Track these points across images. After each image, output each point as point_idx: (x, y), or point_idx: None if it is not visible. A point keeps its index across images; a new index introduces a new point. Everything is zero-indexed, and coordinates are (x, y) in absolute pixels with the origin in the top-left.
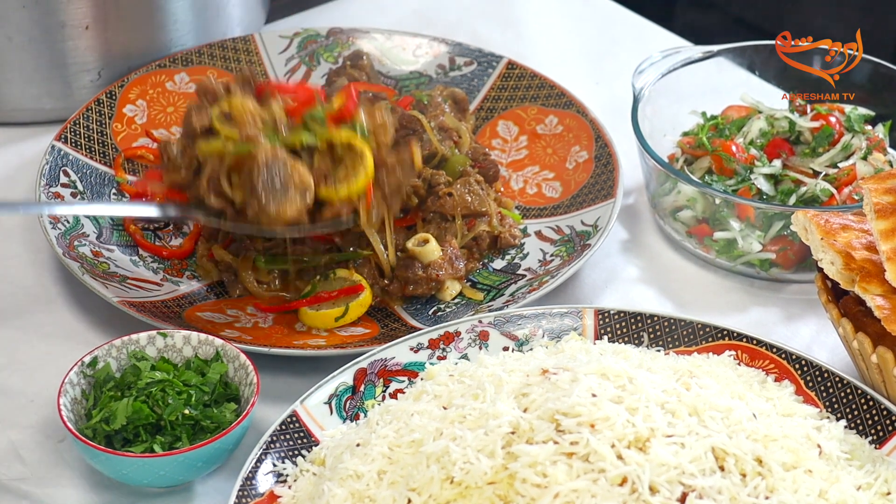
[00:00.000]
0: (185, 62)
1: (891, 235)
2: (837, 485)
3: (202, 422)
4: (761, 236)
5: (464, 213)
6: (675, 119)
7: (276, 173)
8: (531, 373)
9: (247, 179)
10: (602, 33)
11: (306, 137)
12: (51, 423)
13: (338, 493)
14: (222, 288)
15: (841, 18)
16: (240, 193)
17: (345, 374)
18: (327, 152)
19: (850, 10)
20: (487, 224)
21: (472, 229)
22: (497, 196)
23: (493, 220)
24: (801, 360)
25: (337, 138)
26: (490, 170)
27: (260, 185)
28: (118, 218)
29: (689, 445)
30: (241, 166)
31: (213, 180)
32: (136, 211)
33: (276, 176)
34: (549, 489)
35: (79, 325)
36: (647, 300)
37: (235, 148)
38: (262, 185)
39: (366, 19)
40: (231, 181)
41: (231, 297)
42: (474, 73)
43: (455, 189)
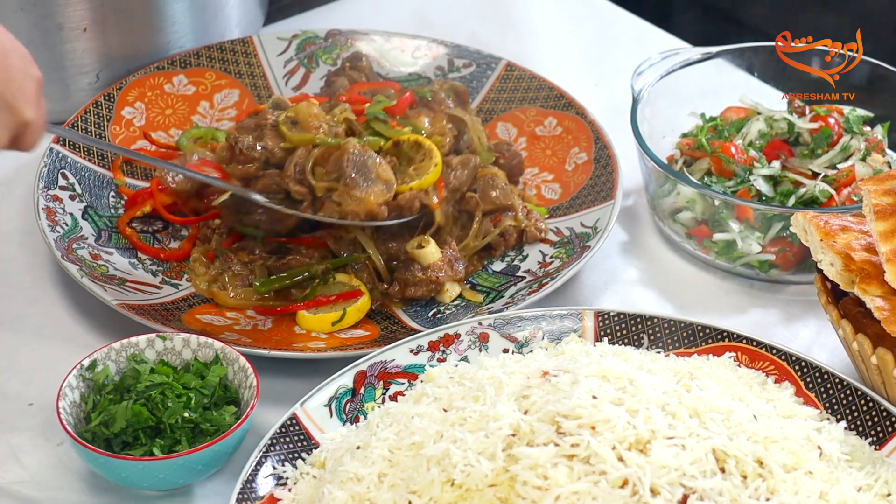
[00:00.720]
0: (183, 64)
1: (890, 237)
2: (838, 486)
3: (202, 425)
4: (761, 238)
5: (490, 208)
6: (674, 120)
7: (365, 164)
8: (531, 375)
9: (334, 168)
10: (601, 35)
11: (382, 133)
12: (50, 427)
13: (338, 496)
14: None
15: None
16: (323, 184)
17: (345, 377)
18: (393, 150)
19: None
20: (513, 219)
21: (497, 225)
22: (521, 190)
23: (519, 214)
24: (801, 361)
25: (405, 137)
26: (514, 161)
27: (350, 173)
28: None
29: (690, 447)
30: (327, 158)
31: (299, 168)
32: (207, 180)
33: (364, 167)
34: (550, 491)
35: (78, 328)
36: (647, 302)
37: (324, 140)
38: (352, 173)
39: (364, 21)
40: (314, 172)
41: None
42: (473, 75)
43: (479, 185)
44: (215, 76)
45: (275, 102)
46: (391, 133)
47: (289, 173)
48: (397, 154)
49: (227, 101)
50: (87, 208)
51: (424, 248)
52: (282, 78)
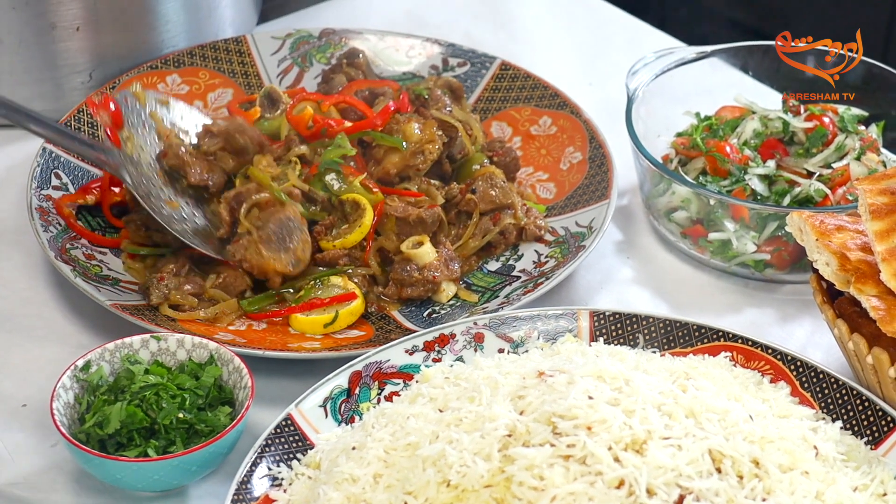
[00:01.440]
0: (176, 64)
1: (886, 236)
2: (834, 486)
3: (196, 425)
4: (756, 237)
5: (489, 207)
6: (669, 120)
7: (291, 234)
8: (527, 375)
9: (264, 218)
10: (595, 34)
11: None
12: (44, 428)
13: (333, 497)
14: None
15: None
16: (247, 225)
17: (340, 377)
18: (338, 208)
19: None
20: (513, 217)
21: (497, 223)
22: (519, 188)
23: (518, 212)
24: (797, 361)
25: (346, 196)
26: (508, 158)
27: (272, 230)
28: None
29: (686, 447)
30: (265, 207)
31: (239, 200)
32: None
33: (289, 235)
34: (546, 492)
35: (72, 329)
36: (643, 301)
37: (276, 191)
38: (274, 233)
39: (358, 20)
40: (249, 211)
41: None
42: (468, 74)
43: (477, 185)
44: (209, 75)
45: (266, 92)
46: (335, 192)
47: (228, 197)
48: (341, 211)
49: (221, 100)
50: (81, 208)
51: (420, 248)
52: (276, 77)
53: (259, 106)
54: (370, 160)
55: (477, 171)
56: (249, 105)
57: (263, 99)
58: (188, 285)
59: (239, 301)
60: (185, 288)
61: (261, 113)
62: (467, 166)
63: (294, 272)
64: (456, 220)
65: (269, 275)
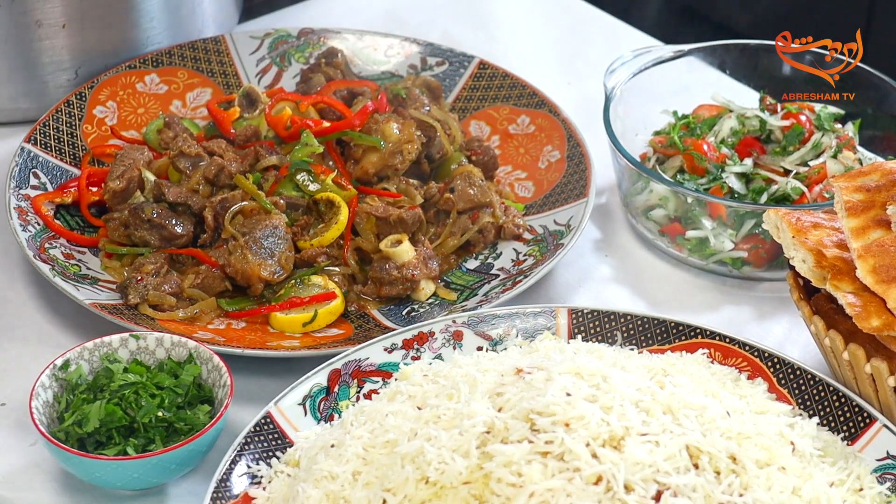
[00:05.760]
0: (155, 63)
1: (861, 233)
2: (810, 482)
3: (176, 424)
4: (733, 235)
5: (468, 206)
6: (647, 118)
7: (277, 242)
8: (505, 372)
9: (249, 225)
10: (573, 33)
11: (301, 188)
12: (22, 427)
13: (312, 495)
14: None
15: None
16: (231, 231)
17: (319, 375)
18: (312, 207)
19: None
20: (491, 215)
21: (476, 222)
22: (498, 187)
23: (497, 211)
24: (774, 357)
25: (320, 195)
26: (487, 157)
27: (258, 237)
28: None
29: (664, 444)
30: (250, 214)
31: (224, 206)
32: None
33: (275, 243)
34: (525, 489)
35: (50, 328)
36: (621, 299)
37: (262, 200)
38: (260, 239)
39: (337, 19)
40: (234, 217)
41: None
42: (446, 73)
43: (455, 184)
44: (188, 75)
45: (245, 92)
46: (308, 191)
47: (214, 201)
48: (316, 211)
49: (200, 99)
50: (60, 207)
51: (398, 247)
52: (254, 77)
53: (238, 106)
54: (349, 160)
55: (455, 169)
56: (228, 105)
57: (242, 99)
58: (166, 285)
59: (218, 300)
60: (163, 288)
61: (239, 113)
62: (446, 165)
63: (276, 280)
64: (434, 218)
65: (253, 281)
